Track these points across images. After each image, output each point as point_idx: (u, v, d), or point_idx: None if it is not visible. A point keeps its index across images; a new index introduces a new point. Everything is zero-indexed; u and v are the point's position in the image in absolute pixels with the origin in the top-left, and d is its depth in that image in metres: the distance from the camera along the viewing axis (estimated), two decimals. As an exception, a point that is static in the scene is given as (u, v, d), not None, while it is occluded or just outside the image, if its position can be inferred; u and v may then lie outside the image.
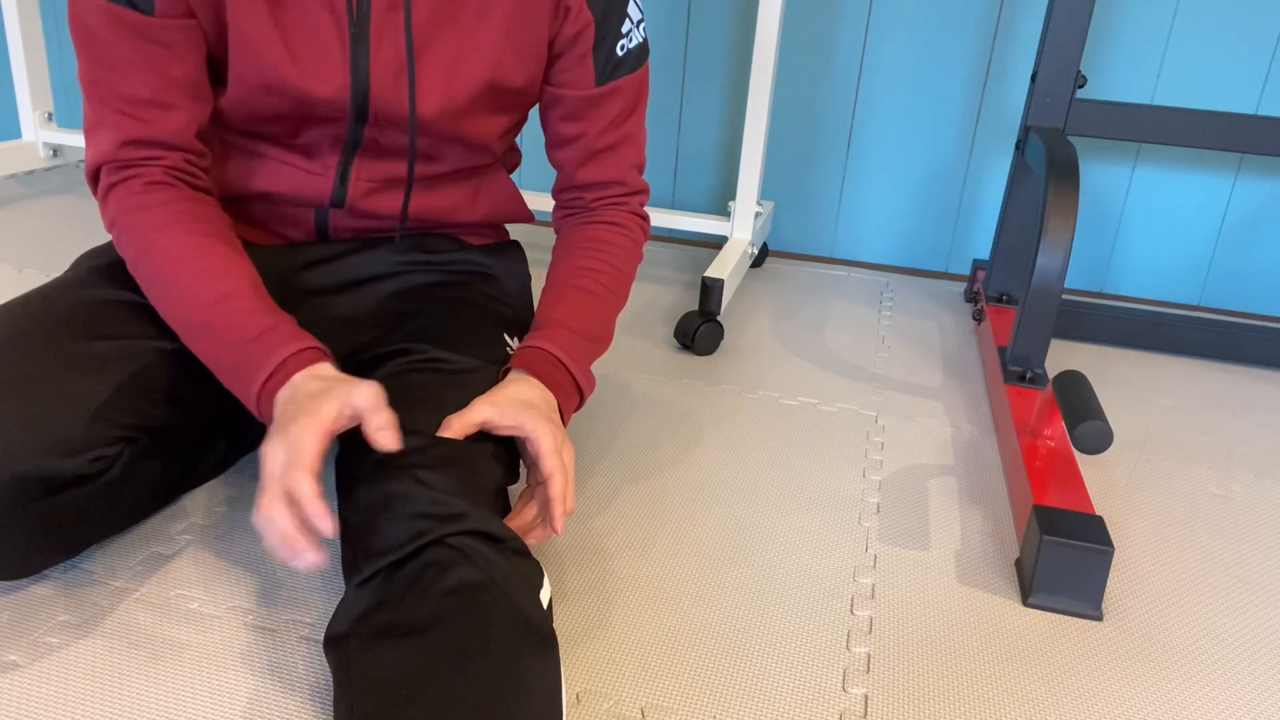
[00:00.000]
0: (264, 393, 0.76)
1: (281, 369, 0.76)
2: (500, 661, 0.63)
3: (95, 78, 0.80)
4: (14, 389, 0.76)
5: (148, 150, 0.83)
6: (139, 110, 0.81)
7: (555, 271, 0.94)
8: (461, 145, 0.92)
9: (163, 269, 0.82)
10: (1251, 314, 1.78)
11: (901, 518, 1.03)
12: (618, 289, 0.96)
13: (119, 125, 0.81)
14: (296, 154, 0.90)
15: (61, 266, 1.59)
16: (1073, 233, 1.18)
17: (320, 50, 0.82)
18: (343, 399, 0.72)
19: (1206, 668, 0.84)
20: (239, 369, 0.78)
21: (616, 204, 0.98)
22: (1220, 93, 1.66)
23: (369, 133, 0.88)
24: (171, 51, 0.80)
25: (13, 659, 0.75)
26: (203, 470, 0.98)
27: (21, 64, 1.90)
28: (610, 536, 0.96)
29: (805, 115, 1.85)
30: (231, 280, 0.81)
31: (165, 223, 0.82)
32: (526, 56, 0.88)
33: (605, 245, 0.96)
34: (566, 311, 0.90)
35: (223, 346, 0.79)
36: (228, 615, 0.81)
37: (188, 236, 0.82)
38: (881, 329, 1.58)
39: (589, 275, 0.93)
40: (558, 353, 0.85)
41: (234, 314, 0.79)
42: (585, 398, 0.89)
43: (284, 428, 0.71)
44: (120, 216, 0.83)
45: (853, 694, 0.78)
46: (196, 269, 0.80)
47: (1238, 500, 1.13)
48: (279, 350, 0.77)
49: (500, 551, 0.71)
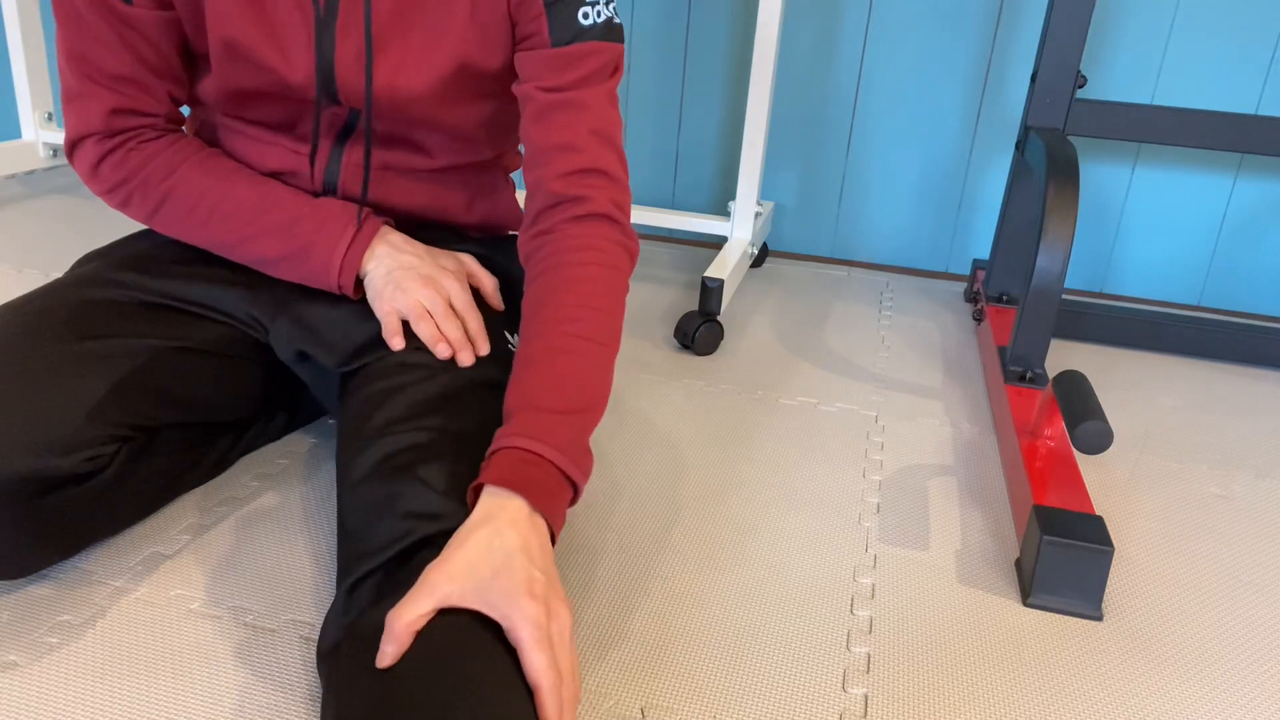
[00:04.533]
0: (347, 262, 0.86)
1: (360, 235, 0.87)
2: (485, 664, 0.62)
3: (79, 52, 0.83)
4: (9, 388, 0.76)
5: (137, 119, 0.87)
6: (121, 85, 0.85)
7: (524, 332, 0.81)
8: (444, 134, 0.91)
9: (196, 198, 0.88)
10: (1251, 314, 1.78)
11: (901, 518, 1.03)
12: (603, 335, 0.80)
13: (102, 98, 0.85)
14: (291, 138, 0.91)
15: (62, 266, 1.59)
16: (1073, 233, 1.18)
17: (291, 36, 0.83)
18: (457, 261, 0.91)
19: (1206, 668, 0.84)
20: (311, 248, 0.87)
21: (582, 219, 0.84)
22: (1220, 93, 1.66)
23: (360, 121, 0.88)
24: (145, 39, 0.84)
25: (13, 659, 0.75)
26: (201, 470, 0.98)
27: (21, 64, 1.90)
28: (609, 536, 0.96)
29: (805, 115, 1.85)
30: (262, 182, 0.89)
31: (178, 162, 0.88)
32: (495, 37, 0.86)
33: (578, 283, 0.81)
34: (541, 386, 0.75)
35: (284, 234, 0.87)
36: (228, 615, 0.81)
37: (204, 164, 0.88)
38: (881, 329, 1.58)
39: (562, 328, 0.78)
40: (535, 447, 0.70)
41: (280, 204, 0.88)
42: (581, 488, 0.73)
43: (430, 274, 0.87)
44: (128, 175, 0.87)
45: (853, 694, 0.78)
46: (228, 186, 0.88)
47: (1238, 500, 1.12)
48: (343, 215, 0.88)
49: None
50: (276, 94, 0.86)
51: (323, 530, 0.93)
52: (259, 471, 1.02)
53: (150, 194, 0.88)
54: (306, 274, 0.88)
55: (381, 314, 0.86)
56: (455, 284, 0.88)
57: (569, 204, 0.84)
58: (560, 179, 0.84)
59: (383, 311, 0.86)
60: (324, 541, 0.91)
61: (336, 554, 0.76)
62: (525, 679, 0.62)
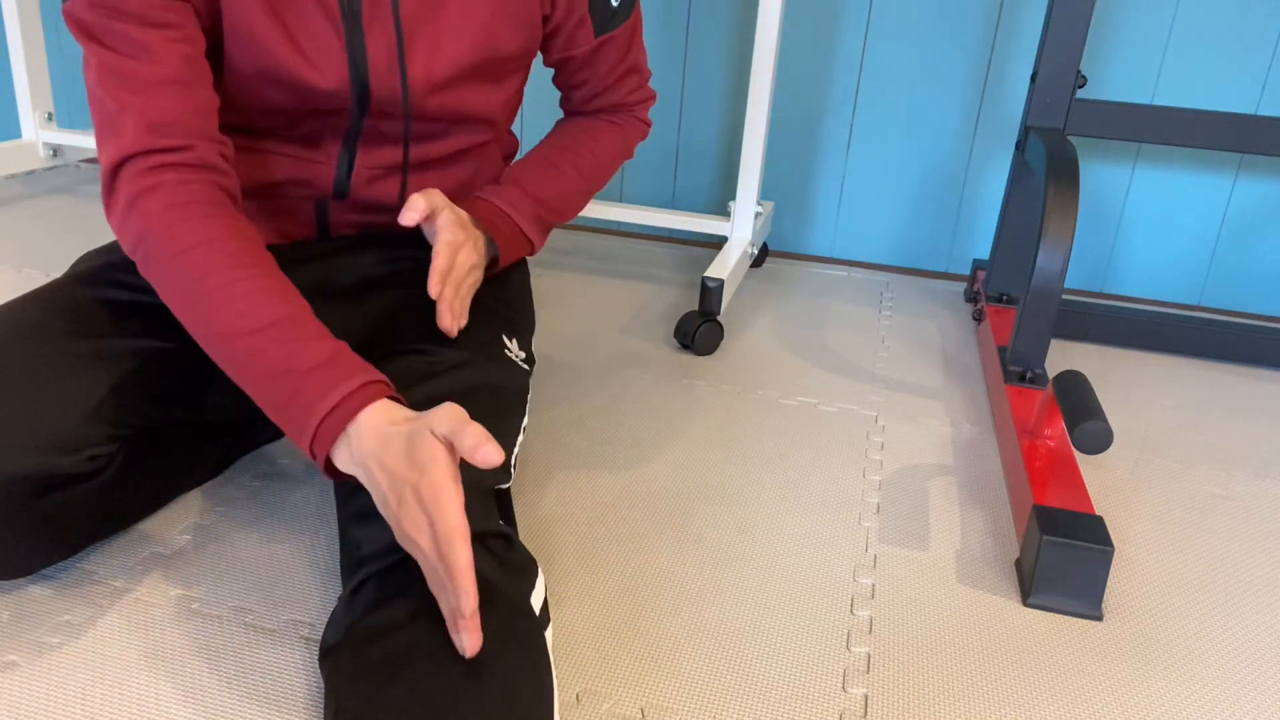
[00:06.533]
0: (320, 433, 0.68)
1: (342, 406, 0.67)
2: (486, 654, 0.62)
3: (109, 66, 0.74)
4: (9, 386, 0.76)
5: (178, 138, 0.75)
6: (160, 90, 0.74)
7: (534, 149, 1.02)
8: (464, 122, 0.93)
9: (200, 295, 0.72)
10: (1251, 314, 1.78)
11: (901, 518, 1.03)
12: (589, 173, 1.02)
13: (143, 108, 0.74)
14: (297, 145, 0.89)
15: (61, 266, 1.59)
16: (1073, 233, 1.18)
17: (319, 43, 0.81)
18: (434, 446, 0.63)
19: (1206, 668, 0.84)
20: (291, 404, 0.69)
21: (618, 106, 1.06)
22: (1220, 93, 1.66)
23: (370, 121, 0.88)
24: (179, 31, 0.75)
25: (13, 659, 0.75)
26: (202, 470, 0.98)
27: (21, 64, 1.90)
28: (609, 536, 0.96)
29: (805, 115, 1.85)
30: (280, 305, 0.72)
31: (199, 241, 0.73)
32: (519, 24, 0.90)
33: (589, 132, 1.04)
34: (529, 179, 0.98)
35: (271, 379, 0.70)
36: (228, 615, 0.81)
37: (226, 257, 0.73)
38: (881, 329, 1.58)
39: (563, 153, 1.01)
40: (505, 207, 0.94)
41: (284, 341, 0.70)
42: (537, 248, 0.99)
43: (409, 484, 0.64)
44: (146, 234, 0.74)
45: (853, 694, 0.78)
46: (238, 293, 0.71)
47: (1238, 500, 1.12)
48: (340, 385, 0.68)
49: (494, 551, 0.71)
50: (295, 102, 0.84)
51: (323, 530, 0.93)
52: (259, 471, 1.02)
53: (158, 268, 0.75)
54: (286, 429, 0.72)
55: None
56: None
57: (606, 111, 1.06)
58: (608, 110, 1.06)
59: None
60: (324, 542, 0.91)
61: (340, 556, 0.76)
62: (526, 678, 0.62)
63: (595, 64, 1.00)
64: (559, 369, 1.34)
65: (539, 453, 1.11)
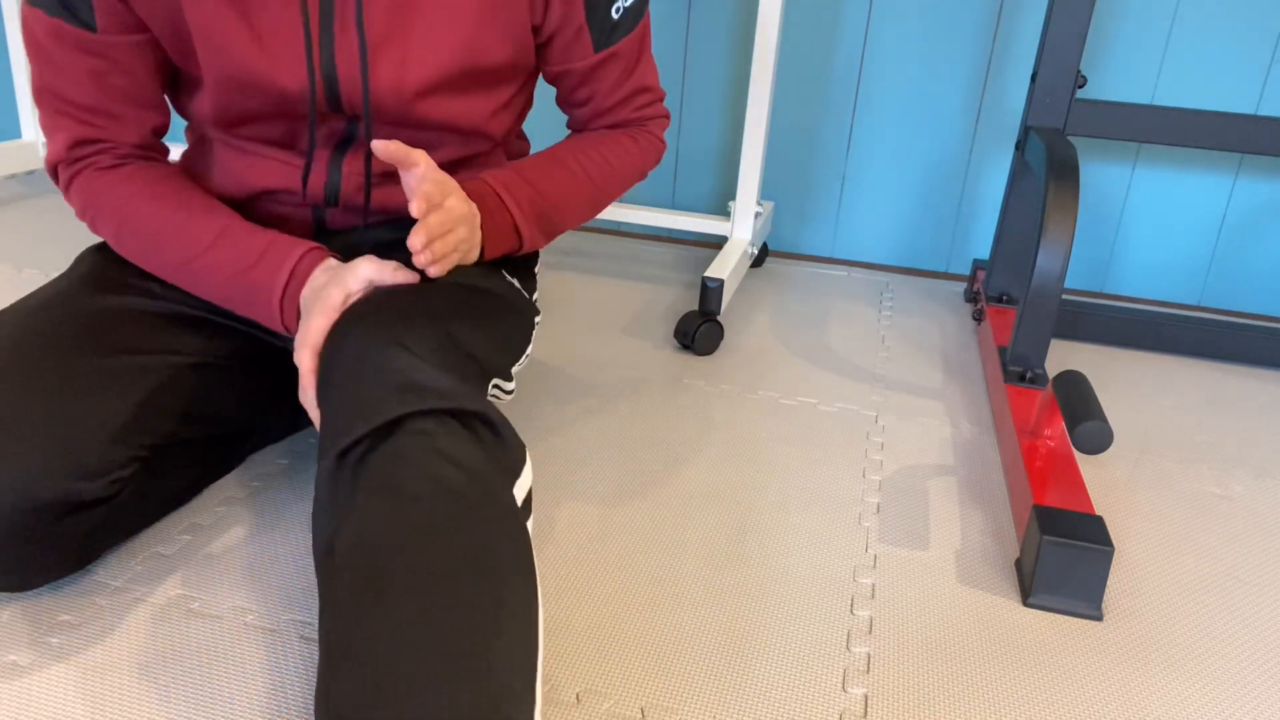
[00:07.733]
0: (285, 304, 0.81)
1: (292, 280, 0.81)
2: (478, 540, 0.63)
3: (44, 85, 0.84)
4: (31, 404, 0.75)
5: (96, 146, 0.87)
6: (85, 115, 0.85)
7: (547, 150, 0.97)
8: (451, 131, 0.90)
9: (147, 235, 0.86)
10: (1251, 314, 1.78)
11: (901, 518, 1.03)
12: (599, 178, 0.97)
13: (68, 129, 0.85)
14: (288, 152, 0.89)
15: (61, 266, 1.59)
16: (1073, 233, 1.18)
17: (284, 45, 0.81)
18: (345, 284, 0.77)
19: (1206, 668, 0.84)
20: (254, 295, 0.82)
21: (629, 123, 1.02)
22: (1220, 93, 1.66)
23: (360, 128, 0.87)
24: (113, 65, 0.83)
25: (13, 659, 0.75)
26: (210, 477, 0.98)
27: (22, 64, 1.90)
28: (610, 536, 0.96)
29: (805, 115, 1.86)
30: (215, 219, 0.85)
31: (131, 194, 0.86)
32: (507, 34, 0.86)
33: (604, 139, 0.99)
34: (529, 166, 0.93)
35: (231, 280, 0.83)
36: (228, 615, 0.81)
37: (157, 198, 0.86)
38: (881, 329, 1.58)
39: (573, 154, 0.96)
40: (497, 187, 0.89)
41: (229, 246, 0.83)
42: (525, 245, 0.92)
43: (304, 324, 0.76)
44: (89, 203, 0.87)
45: (853, 694, 0.78)
46: (177, 222, 0.85)
47: (1238, 500, 1.13)
48: (284, 263, 0.82)
49: (480, 437, 0.69)
50: (271, 107, 0.84)
51: (323, 530, 0.93)
52: (259, 471, 1.02)
53: (106, 224, 0.88)
54: (257, 316, 0.85)
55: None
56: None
57: (635, 125, 1.02)
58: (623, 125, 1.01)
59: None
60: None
61: (319, 440, 0.73)
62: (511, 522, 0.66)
63: (597, 80, 0.95)
64: (559, 369, 1.34)
65: (538, 452, 1.11)
